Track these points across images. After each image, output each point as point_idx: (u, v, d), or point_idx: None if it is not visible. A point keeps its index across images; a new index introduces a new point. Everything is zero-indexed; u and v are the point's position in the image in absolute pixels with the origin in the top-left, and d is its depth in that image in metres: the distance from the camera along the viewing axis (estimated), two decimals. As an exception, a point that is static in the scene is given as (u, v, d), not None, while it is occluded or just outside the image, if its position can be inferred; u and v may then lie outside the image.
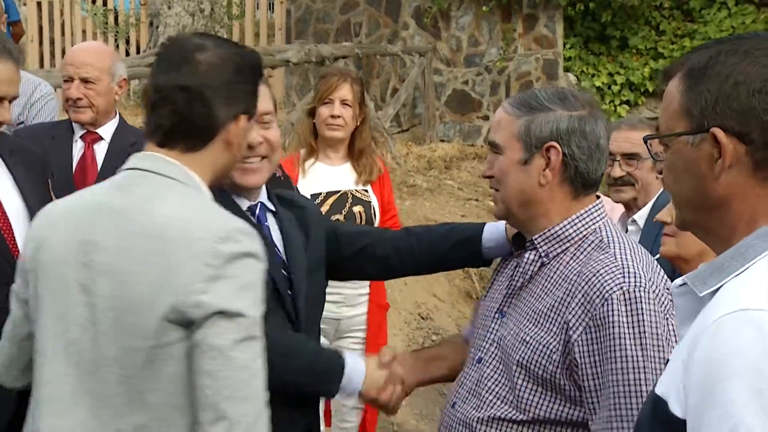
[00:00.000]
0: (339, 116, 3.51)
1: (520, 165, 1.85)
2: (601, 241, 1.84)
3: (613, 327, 1.67)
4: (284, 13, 10.42)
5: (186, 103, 1.63)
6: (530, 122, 1.84)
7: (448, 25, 9.61)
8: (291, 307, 2.06)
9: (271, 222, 2.13)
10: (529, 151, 1.84)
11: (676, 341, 1.61)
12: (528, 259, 1.89)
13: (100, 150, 3.30)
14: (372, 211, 3.59)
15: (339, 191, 3.54)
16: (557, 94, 1.87)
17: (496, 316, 1.95)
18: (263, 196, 2.13)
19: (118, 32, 10.19)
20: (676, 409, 1.11)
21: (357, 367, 2.03)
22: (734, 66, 1.16)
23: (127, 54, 10.08)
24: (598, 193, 1.94)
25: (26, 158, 2.51)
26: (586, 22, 9.33)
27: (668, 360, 1.27)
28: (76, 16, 10.49)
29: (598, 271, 1.75)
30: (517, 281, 1.92)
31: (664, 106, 1.25)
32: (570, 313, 1.75)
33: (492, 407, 1.84)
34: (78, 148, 3.29)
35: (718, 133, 1.16)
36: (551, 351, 1.76)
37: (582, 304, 1.74)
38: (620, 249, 1.81)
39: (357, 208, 3.54)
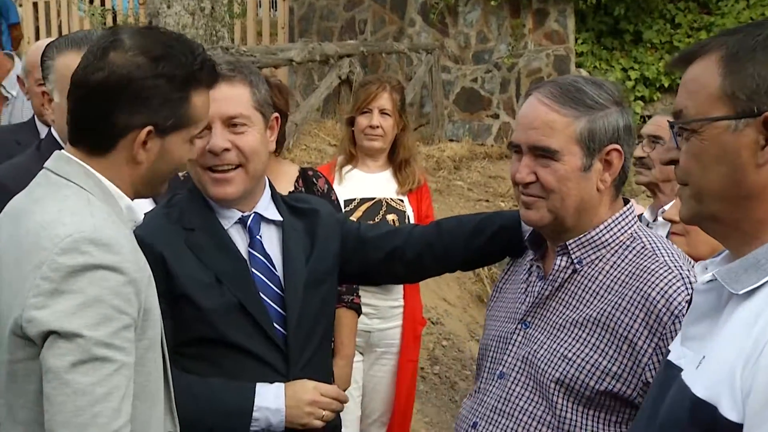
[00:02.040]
0: (378, 126, 3.44)
1: (581, 172, 1.68)
2: (644, 247, 1.71)
3: None
4: (287, 11, 10.21)
5: (81, 102, 1.54)
6: (592, 123, 1.67)
7: (455, 22, 9.38)
8: (280, 325, 1.95)
9: (269, 234, 2.00)
10: (590, 156, 1.68)
11: None
12: (559, 265, 1.74)
13: None
14: (406, 221, 3.49)
15: (374, 198, 3.47)
16: (600, 86, 1.72)
17: (519, 327, 1.79)
18: (261, 206, 1.99)
19: (116, 32, 9.99)
20: (730, 413, 1.06)
21: (270, 392, 1.91)
22: None
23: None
24: (625, 197, 1.83)
25: None
26: (599, 16, 9.09)
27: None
28: (74, 16, 10.33)
29: (656, 284, 1.62)
30: (545, 289, 1.76)
31: (691, 89, 1.19)
32: (630, 332, 1.62)
33: (529, 429, 1.70)
34: None
35: None
36: (604, 372, 1.63)
37: (646, 322, 1.61)
38: (670, 256, 1.68)
39: (390, 217, 3.47)
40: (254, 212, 1.99)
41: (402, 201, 3.52)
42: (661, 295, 1.61)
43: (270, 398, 1.88)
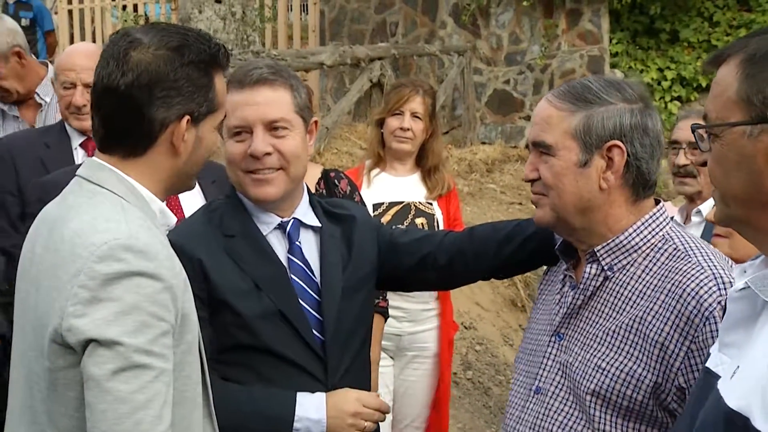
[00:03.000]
0: (408, 129, 3.42)
1: (578, 167, 1.66)
2: (676, 249, 1.66)
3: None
4: (318, 15, 10.21)
5: (115, 107, 1.53)
6: (589, 118, 1.65)
7: (487, 23, 9.29)
8: (319, 332, 1.93)
9: (307, 240, 1.98)
10: (588, 152, 1.65)
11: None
12: (589, 273, 1.70)
13: None
14: (435, 225, 3.48)
15: (402, 202, 3.46)
16: (612, 84, 1.69)
17: (553, 339, 1.75)
18: (300, 211, 1.98)
19: (149, 38, 10.09)
20: (762, 425, 1.05)
21: (311, 403, 1.86)
22: None
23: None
24: (656, 197, 1.77)
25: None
26: (633, 16, 8.94)
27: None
28: (107, 23, 10.45)
29: (687, 285, 1.58)
30: (576, 299, 1.72)
31: (715, 93, 1.19)
32: (661, 335, 1.58)
33: None
34: (80, 157, 3.07)
35: None
36: (638, 379, 1.59)
37: (677, 325, 1.56)
38: (703, 256, 1.63)
39: (419, 220, 3.46)
40: (293, 218, 1.98)
41: (431, 204, 3.49)
42: (692, 297, 1.56)
43: (311, 409, 1.84)
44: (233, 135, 1.90)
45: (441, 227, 3.49)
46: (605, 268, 1.69)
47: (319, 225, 2.01)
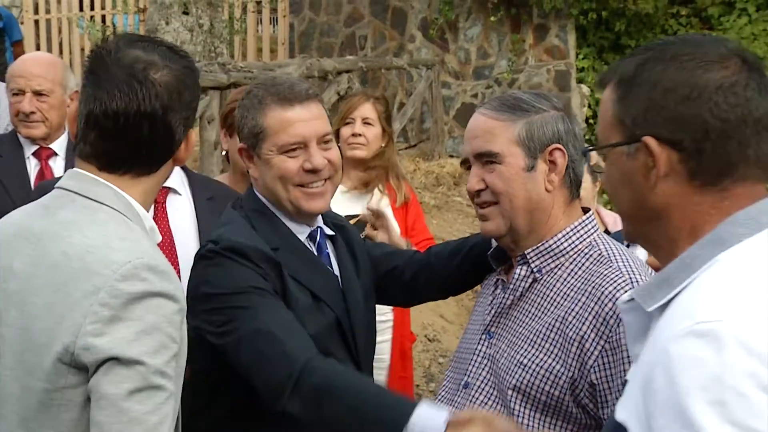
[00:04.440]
0: (360, 134, 3.41)
1: (525, 172, 1.75)
2: (600, 254, 1.75)
3: (624, 350, 1.60)
4: (287, 28, 10.21)
5: (151, 131, 1.51)
6: (529, 125, 1.75)
7: (456, 37, 9.35)
8: (351, 340, 1.95)
9: (330, 249, 2.02)
10: (532, 157, 1.74)
11: None
12: (519, 275, 1.79)
13: (57, 166, 3.05)
14: None
15: (358, 215, 3.34)
16: (539, 95, 1.81)
17: (483, 337, 1.83)
18: (320, 221, 2.02)
19: (116, 49, 10.02)
20: None
21: (430, 417, 1.60)
22: (662, 73, 1.15)
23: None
24: (587, 206, 1.88)
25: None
26: (599, 32, 9.04)
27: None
28: (74, 33, 10.35)
29: (605, 287, 1.66)
30: (506, 299, 1.81)
31: (600, 116, 1.24)
32: (579, 334, 1.65)
33: None
34: (32, 166, 3.04)
35: (650, 142, 1.15)
36: (556, 376, 1.67)
37: (594, 325, 1.65)
38: (624, 262, 1.71)
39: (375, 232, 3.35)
40: (318, 227, 2.01)
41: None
42: (608, 299, 1.64)
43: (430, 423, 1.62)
44: (287, 152, 1.90)
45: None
46: (534, 270, 1.77)
47: (334, 233, 2.05)
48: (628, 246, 3.03)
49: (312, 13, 10.11)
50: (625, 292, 1.58)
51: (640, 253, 3.25)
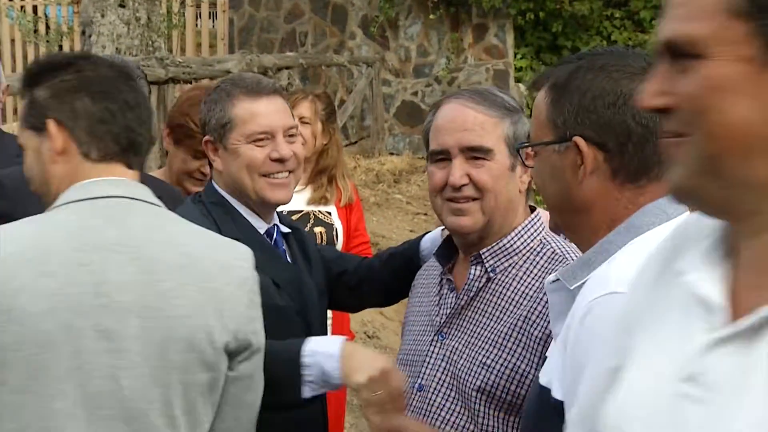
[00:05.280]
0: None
1: (509, 171, 1.75)
2: (554, 252, 1.76)
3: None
4: (227, 23, 10.10)
5: (147, 120, 1.57)
6: (515, 124, 1.76)
7: (396, 35, 9.40)
8: (309, 332, 1.96)
9: (285, 247, 2.05)
10: (513, 156, 1.75)
11: None
12: (473, 275, 1.77)
13: None
14: (334, 234, 3.42)
15: (301, 211, 3.37)
16: (504, 94, 1.82)
17: (436, 339, 1.80)
18: (276, 219, 2.04)
19: (48, 41, 9.76)
20: (557, 393, 1.21)
21: (325, 340, 1.77)
22: (592, 81, 1.28)
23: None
24: (532, 204, 1.89)
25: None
26: (537, 32, 9.21)
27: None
28: (4, 23, 10.04)
29: None
30: (460, 299, 1.77)
31: (533, 116, 1.35)
32: (545, 333, 1.66)
33: None
34: None
35: (580, 141, 1.27)
36: (523, 375, 1.66)
37: None
38: None
39: (318, 229, 3.39)
40: (275, 224, 2.03)
41: (330, 214, 3.45)
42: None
43: (323, 343, 1.72)
44: (254, 141, 1.94)
45: (341, 238, 3.47)
46: (488, 269, 1.75)
47: (289, 231, 2.06)
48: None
49: (252, 9, 10.03)
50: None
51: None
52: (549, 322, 1.62)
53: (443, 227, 1.98)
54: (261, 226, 2.00)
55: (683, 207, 1.11)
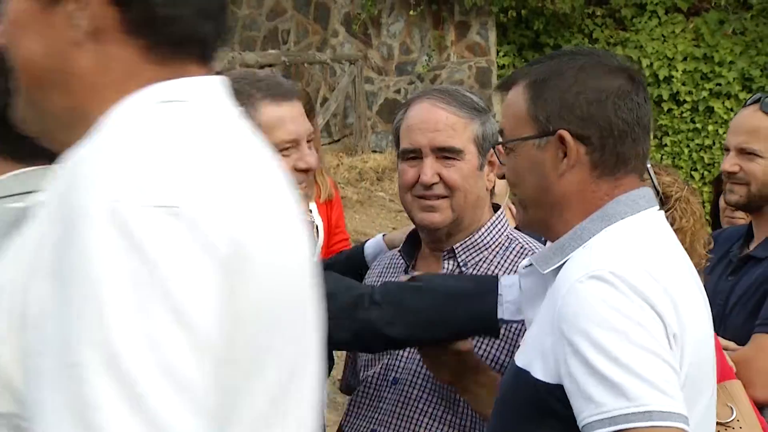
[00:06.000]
0: None
1: (477, 170, 1.81)
2: (522, 247, 1.83)
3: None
4: (209, 20, 10.04)
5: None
6: (484, 125, 1.81)
7: (378, 33, 9.39)
8: None
9: None
10: (483, 156, 1.81)
11: None
12: (446, 269, 1.82)
13: None
14: (315, 231, 3.35)
15: None
16: (472, 94, 1.87)
17: None
18: None
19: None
20: (539, 374, 1.26)
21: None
22: (574, 77, 1.33)
23: None
24: (501, 200, 1.98)
25: None
26: (520, 30, 9.23)
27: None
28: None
29: None
30: None
31: (508, 113, 1.40)
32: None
33: (428, 429, 1.74)
34: None
35: (566, 134, 1.32)
36: (498, 363, 1.71)
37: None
38: None
39: None
40: None
41: (310, 211, 3.46)
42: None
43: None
44: (282, 150, 1.81)
45: (321, 235, 3.44)
46: (461, 264, 1.80)
47: None
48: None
49: (234, 6, 9.98)
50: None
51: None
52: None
53: (384, 233, 2.12)
54: None
55: (655, 199, 1.34)
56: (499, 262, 1.80)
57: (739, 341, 2.07)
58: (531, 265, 1.37)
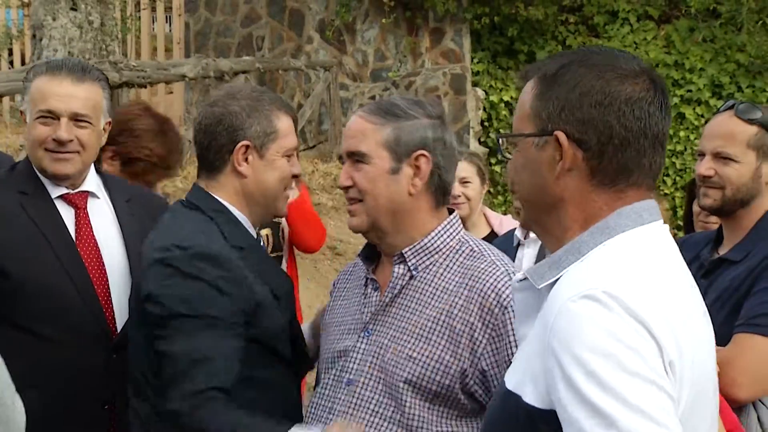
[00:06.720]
0: None
1: (389, 174, 1.84)
2: (472, 250, 1.89)
3: (509, 335, 1.77)
4: (183, 27, 10.00)
5: None
6: (398, 130, 1.84)
7: (353, 39, 9.40)
8: (297, 341, 2.13)
9: None
10: (398, 160, 1.84)
11: None
12: (397, 273, 1.88)
13: None
14: (281, 234, 3.49)
15: None
16: (416, 102, 1.90)
17: (362, 335, 1.90)
18: None
19: (-3, 44, 9.58)
20: (531, 399, 1.20)
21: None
22: (582, 77, 1.26)
23: (11, 66, 9.47)
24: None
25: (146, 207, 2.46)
26: (494, 37, 9.28)
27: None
28: (-48, 27, 9.82)
29: (487, 281, 1.81)
30: (384, 297, 1.89)
31: (518, 107, 1.35)
32: (467, 325, 1.79)
33: (377, 428, 1.81)
34: None
35: (561, 136, 1.26)
36: (447, 366, 1.78)
37: (480, 316, 1.79)
38: (495, 256, 1.88)
39: (264, 231, 3.43)
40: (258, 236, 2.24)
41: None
42: (492, 290, 1.80)
43: None
44: (288, 156, 2.10)
45: (287, 236, 3.53)
46: (411, 268, 1.87)
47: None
48: (520, 242, 3.17)
49: (208, 13, 9.94)
50: (504, 282, 1.79)
51: (528, 252, 3.36)
52: (470, 314, 1.79)
53: (312, 321, 2.19)
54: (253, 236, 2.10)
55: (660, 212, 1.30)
56: (448, 265, 1.87)
57: (717, 343, 2.08)
58: (526, 279, 1.30)
